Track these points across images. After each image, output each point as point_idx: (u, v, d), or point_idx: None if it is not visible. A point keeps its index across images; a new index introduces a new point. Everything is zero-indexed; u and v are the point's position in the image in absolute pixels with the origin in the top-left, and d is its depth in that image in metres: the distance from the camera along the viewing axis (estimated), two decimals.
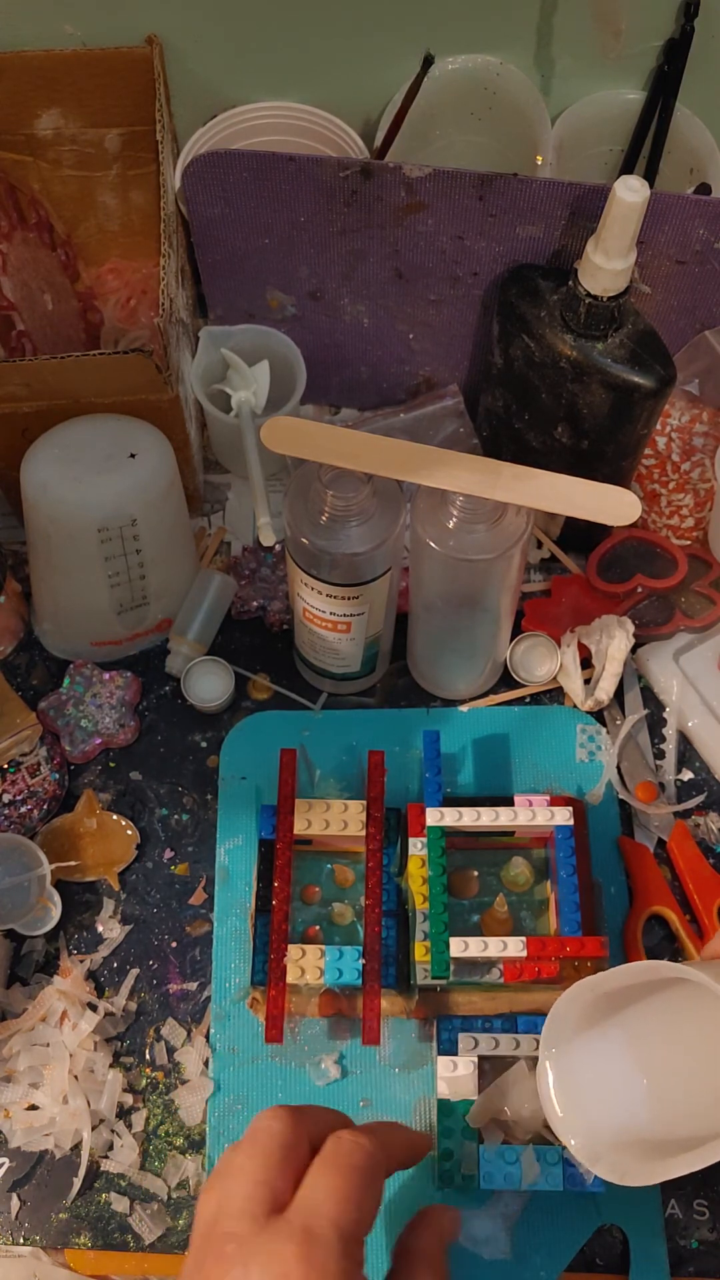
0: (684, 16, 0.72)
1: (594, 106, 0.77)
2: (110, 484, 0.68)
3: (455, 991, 0.65)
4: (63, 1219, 0.63)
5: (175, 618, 0.78)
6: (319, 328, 0.81)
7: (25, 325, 0.75)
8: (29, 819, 0.72)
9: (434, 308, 0.78)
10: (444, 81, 0.76)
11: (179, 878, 0.72)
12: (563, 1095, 0.55)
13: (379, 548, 0.63)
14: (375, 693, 0.78)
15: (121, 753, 0.76)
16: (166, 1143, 0.65)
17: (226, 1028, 0.67)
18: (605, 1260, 0.62)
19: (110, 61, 0.73)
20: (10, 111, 0.76)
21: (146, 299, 0.86)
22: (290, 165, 0.69)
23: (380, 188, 0.70)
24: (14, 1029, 0.66)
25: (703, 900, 0.69)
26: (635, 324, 0.67)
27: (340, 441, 0.61)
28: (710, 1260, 0.62)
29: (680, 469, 0.80)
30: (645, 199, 0.59)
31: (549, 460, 0.74)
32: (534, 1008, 0.64)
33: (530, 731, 0.75)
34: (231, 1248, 0.42)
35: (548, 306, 0.68)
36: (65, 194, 0.82)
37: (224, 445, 0.84)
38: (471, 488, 0.60)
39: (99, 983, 0.69)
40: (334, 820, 0.68)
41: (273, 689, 0.78)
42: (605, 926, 0.69)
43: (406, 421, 0.84)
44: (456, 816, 0.67)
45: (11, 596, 0.77)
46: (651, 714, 0.76)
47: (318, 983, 0.63)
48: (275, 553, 0.81)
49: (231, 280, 0.78)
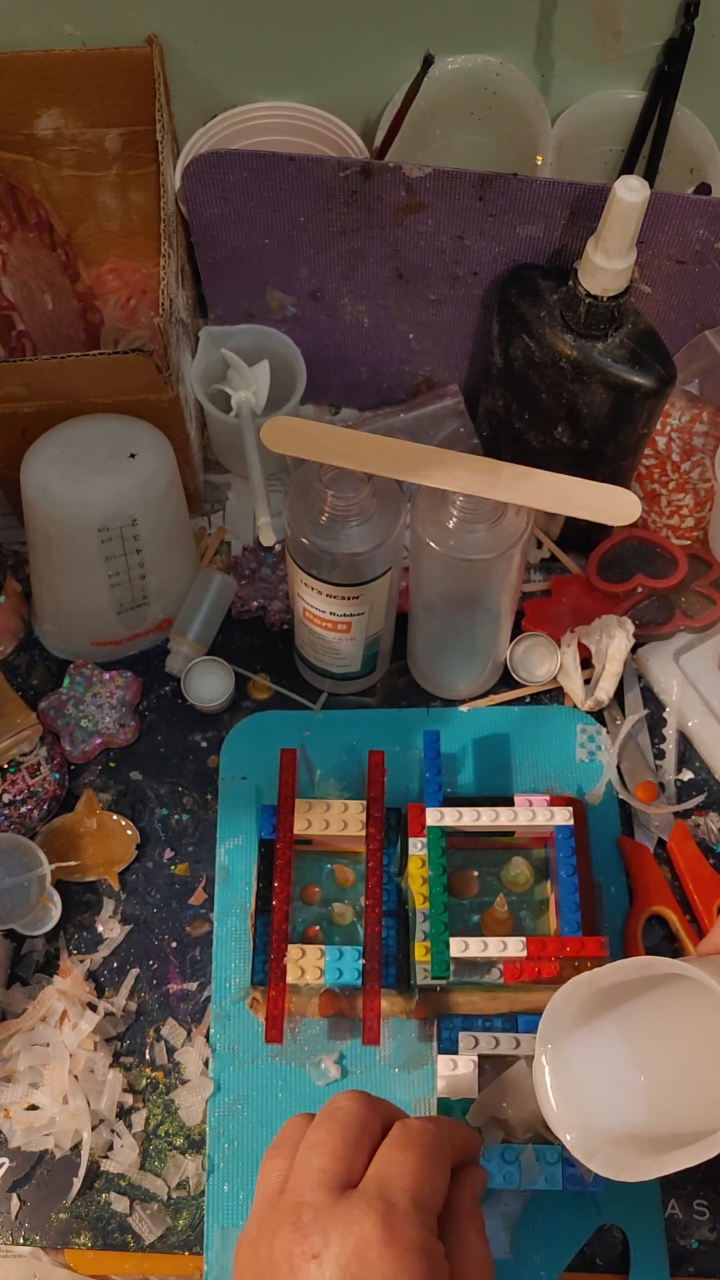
0: (684, 16, 0.72)
1: (594, 106, 0.77)
2: (110, 484, 0.68)
3: (455, 991, 0.65)
4: (63, 1219, 0.63)
5: (175, 618, 0.78)
6: (319, 328, 0.81)
7: (25, 325, 0.75)
8: (29, 819, 0.72)
9: (434, 308, 0.78)
10: (444, 81, 0.76)
11: (179, 878, 0.72)
12: (559, 1090, 0.55)
13: (379, 548, 0.63)
14: (375, 693, 0.78)
15: (121, 753, 0.76)
16: (166, 1143, 0.65)
17: (226, 1028, 0.67)
18: (605, 1260, 0.62)
19: (110, 61, 0.73)
20: (10, 111, 0.76)
21: (146, 299, 0.86)
22: (290, 165, 0.69)
23: (380, 188, 0.70)
24: (14, 1029, 0.66)
25: (703, 900, 0.69)
26: (635, 324, 0.67)
27: (340, 441, 0.61)
28: (710, 1260, 0.62)
29: (680, 469, 0.80)
30: (645, 199, 0.59)
31: (549, 460, 0.74)
32: (534, 1007, 0.64)
33: (530, 731, 0.75)
34: (309, 1217, 0.43)
35: (548, 306, 0.68)
36: (65, 194, 0.82)
37: (224, 445, 0.84)
38: (471, 488, 0.60)
39: (99, 983, 0.69)
40: (334, 820, 0.68)
41: (273, 689, 0.78)
42: (605, 926, 0.69)
43: (406, 421, 0.84)
44: (456, 816, 0.67)
45: (11, 596, 0.77)
46: (651, 714, 0.76)
47: (318, 983, 0.63)
48: (275, 553, 0.81)
49: (231, 280, 0.78)
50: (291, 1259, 0.42)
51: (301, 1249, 0.42)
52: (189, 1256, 0.63)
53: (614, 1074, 0.56)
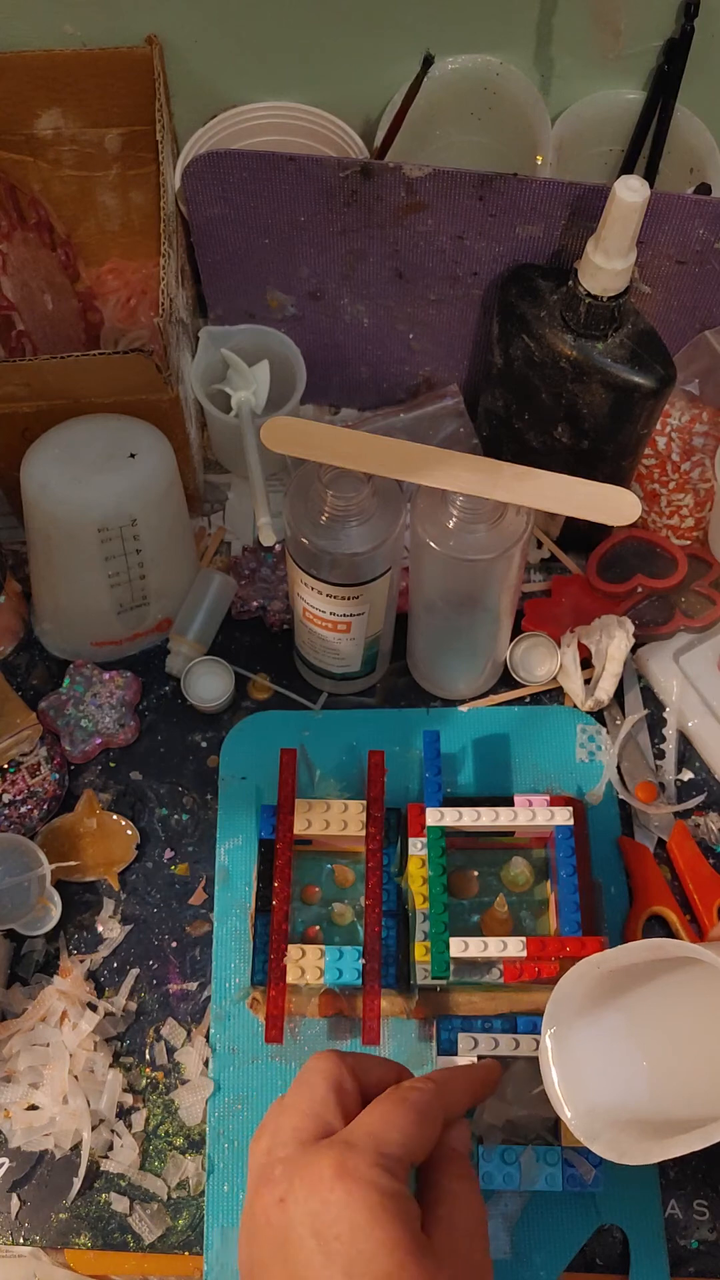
0: (684, 16, 0.72)
1: (594, 106, 0.77)
2: (110, 484, 0.68)
3: (455, 991, 0.65)
4: (63, 1219, 0.63)
5: (175, 618, 0.78)
6: (319, 328, 0.81)
7: (25, 325, 0.75)
8: (29, 819, 0.72)
9: (434, 308, 0.78)
10: (444, 81, 0.76)
11: (179, 878, 0.72)
12: (563, 1072, 0.55)
13: (379, 548, 0.63)
14: (375, 693, 0.78)
15: (121, 753, 0.76)
16: (166, 1143, 0.65)
17: (226, 1028, 0.67)
18: (605, 1260, 0.62)
19: (110, 61, 0.73)
20: (10, 111, 0.76)
21: (146, 299, 0.86)
22: (290, 165, 0.69)
23: (380, 188, 0.70)
24: (14, 1029, 0.66)
25: (703, 900, 0.69)
26: (635, 324, 0.67)
27: (340, 441, 0.61)
28: (710, 1260, 0.62)
29: (680, 469, 0.80)
30: (645, 199, 0.59)
31: (549, 460, 0.74)
32: (534, 1008, 0.64)
33: (530, 731, 0.75)
34: (279, 1170, 0.44)
35: (548, 306, 0.68)
36: (65, 194, 0.82)
37: (224, 445, 0.84)
38: (471, 488, 0.60)
39: (99, 983, 0.69)
40: (334, 820, 0.68)
41: (273, 689, 0.78)
42: (605, 926, 0.69)
43: (406, 421, 0.84)
44: (456, 816, 0.67)
45: (11, 596, 0.77)
46: (651, 714, 0.76)
47: (318, 983, 0.63)
48: (275, 553, 0.81)
49: (231, 280, 0.78)
50: (266, 1210, 0.43)
51: (271, 1196, 0.43)
52: (189, 1256, 0.63)
53: (618, 1059, 0.57)
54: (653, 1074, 0.56)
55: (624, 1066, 0.56)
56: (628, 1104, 0.55)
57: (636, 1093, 0.56)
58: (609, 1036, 0.57)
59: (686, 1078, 0.56)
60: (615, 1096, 0.55)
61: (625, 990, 0.57)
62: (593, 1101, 0.54)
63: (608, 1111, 0.54)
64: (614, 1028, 0.57)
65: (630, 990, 0.57)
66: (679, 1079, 0.56)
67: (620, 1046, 0.57)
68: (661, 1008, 0.57)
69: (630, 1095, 0.56)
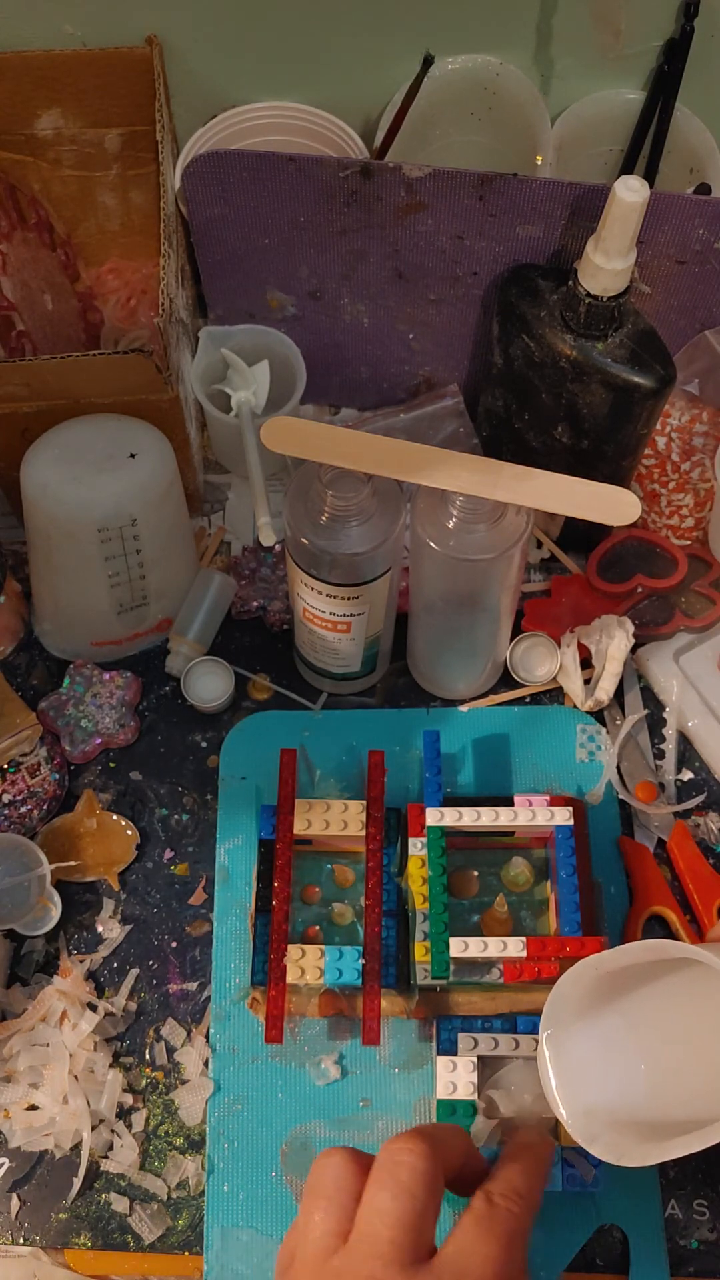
0: (684, 16, 0.72)
1: (594, 106, 0.77)
2: (110, 484, 0.68)
3: (455, 991, 0.65)
4: (63, 1219, 0.63)
5: (175, 618, 0.78)
6: (319, 328, 0.81)
7: (25, 325, 0.75)
8: (29, 819, 0.72)
9: (434, 308, 0.78)
10: (444, 81, 0.76)
11: (179, 878, 0.72)
12: (561, 1074, 0.55)
13: (379, 548, 0.63)
14: (375, 693, 0.78)
15: (121, 753, 0.76)
16: (166, 1143, 0.65)
17: (226, 1028, 0.67)
18: (605, 1260, 0.62)
19: (110, 61, 0.73)
20: (10, 111, 0.76)
21: (146, 299, 0.86)
22: (290, 165, 0.69)
23: (380, 188, 0.70)
24: (14, 1029, 0.66)
25: (703, 900, 0.69)
26: (635, 324, 0.67)
27: (340, 441, 0.61)
28: (710, 1260, 0.62)
29: (680, 469, 0.80)
30: (645, 199, 0.59)
31: (549, 460, 0.74)
32: (534, 1008, 0.64)
33: (530, 731, 0.75)
34: None
35: (548, 306, 0.68)
36: (65, 194, 0.82)
37: (224, 445, 0.84)
38: (471, 488, 0.60)
39: (99, 983, 0.69)
40: (334, 820, 0.68)
41: (273, 689, 0.78)
42: (605, 926, 0.69)
43: (406, 421, 0.84)
44: (456, 816, 0.67)
45: (11, 596, 0.77)
46: (651, 714, 0.76)
47: (318, 983, 0.63)
48: (275, 553, 0.81)
49: (231, 280, 0.78)
50: None
51: None
52: (189, 1256, 0.63)
53: (617, 1060, 0.56)
54: (651, 1075, 0.56)
55: (622, 1068, 0.56)
56: (626, 1105, 0.55)
57: (635, 1094, 0.56)
58: (607, 1037, 0.57)
59: (685, 1079, 0.56)
60: (614, 1098, 0.55)
61: (624, 991, 0.57)
62: (591, 1103, 0.54)
63: (606, 1113, 0.54)
64: (612, 1029, 0.57)
65: (629, 991, 0.57)
66: (678, 1080, 0.56)
67: (619, 1048, 0.57)
68: (660, 1009, 0.57)
69: (629, 1097, 0.56)
